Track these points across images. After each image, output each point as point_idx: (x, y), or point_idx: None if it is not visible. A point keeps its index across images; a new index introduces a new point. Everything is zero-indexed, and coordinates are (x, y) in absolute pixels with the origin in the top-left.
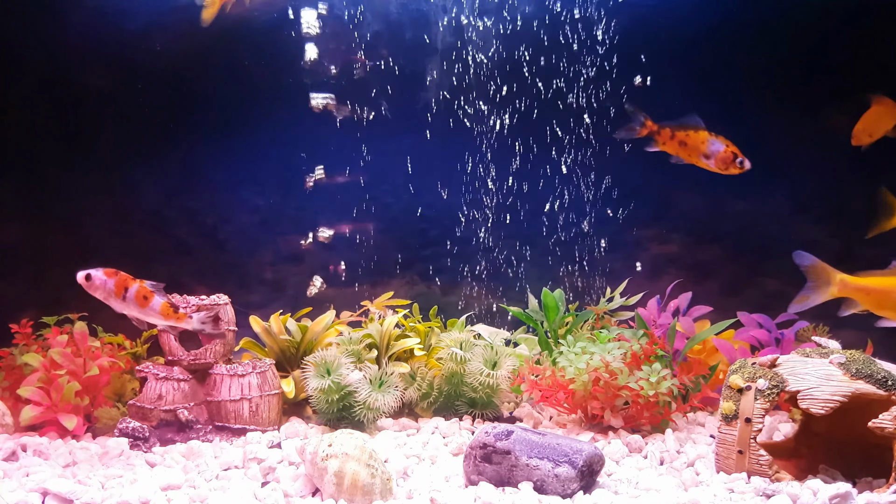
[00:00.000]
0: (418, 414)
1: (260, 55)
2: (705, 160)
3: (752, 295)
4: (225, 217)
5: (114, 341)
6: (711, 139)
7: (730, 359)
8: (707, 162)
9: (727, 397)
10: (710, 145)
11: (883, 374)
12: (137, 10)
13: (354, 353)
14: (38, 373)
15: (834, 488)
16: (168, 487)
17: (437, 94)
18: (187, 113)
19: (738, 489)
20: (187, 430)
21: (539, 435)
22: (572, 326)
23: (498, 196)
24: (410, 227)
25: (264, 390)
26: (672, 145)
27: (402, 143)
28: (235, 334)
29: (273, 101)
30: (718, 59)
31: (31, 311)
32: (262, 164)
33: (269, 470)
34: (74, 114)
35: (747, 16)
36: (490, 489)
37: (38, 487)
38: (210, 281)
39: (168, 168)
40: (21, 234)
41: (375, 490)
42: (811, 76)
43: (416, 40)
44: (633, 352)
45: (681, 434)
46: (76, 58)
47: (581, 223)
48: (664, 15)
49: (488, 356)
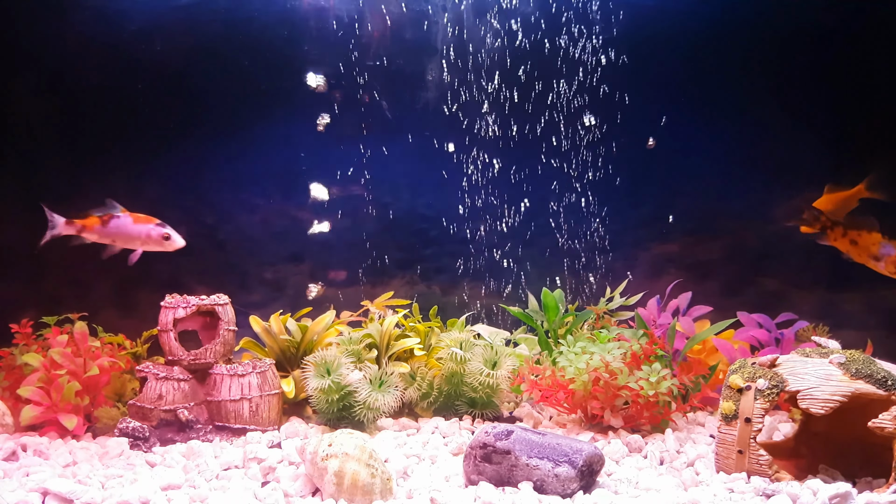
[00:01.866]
0: (418, 414)
1: (260, 55)
2: (874, 261)
3: (752, 295)
4: (225, 217)
5: (114, 341)
6: (884, 242)
7: (730, 359)
8: (877, 263)
9: (727, 397)
10: (881, 248)
11: (883, 374)
12: (137, 10)
13: (354, 353)
14: (39, 373)
15: (834, 488)
16: (168, 487)
17: (437, 94)
18: (187, 113)
19: (738, 489)
20: (187, 430)
21: (539, 435)
22: (572, 326)
23: (498, 196)
24: (410, 227)
25: (264, 390)
26: (843, 243)
27: (403, 143)
28: (235, 334)
29: (273, 100)
30: (718, 58)
31: (31, 311)
32: (263, 164)
33: (269, 470)
34: (74, 114)
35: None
36: (490, 489)
37: (39, 487)
38: (210, 281)
39: (168, 168)
40: (21, 234)
41: (375, 490)
42: (811, 76)
43: (416, 40)
44: (633, 352)
45: (681, 434)
46: (76, 58)
47: (581, 223)
48: (665, 14)
49: (488, 356)
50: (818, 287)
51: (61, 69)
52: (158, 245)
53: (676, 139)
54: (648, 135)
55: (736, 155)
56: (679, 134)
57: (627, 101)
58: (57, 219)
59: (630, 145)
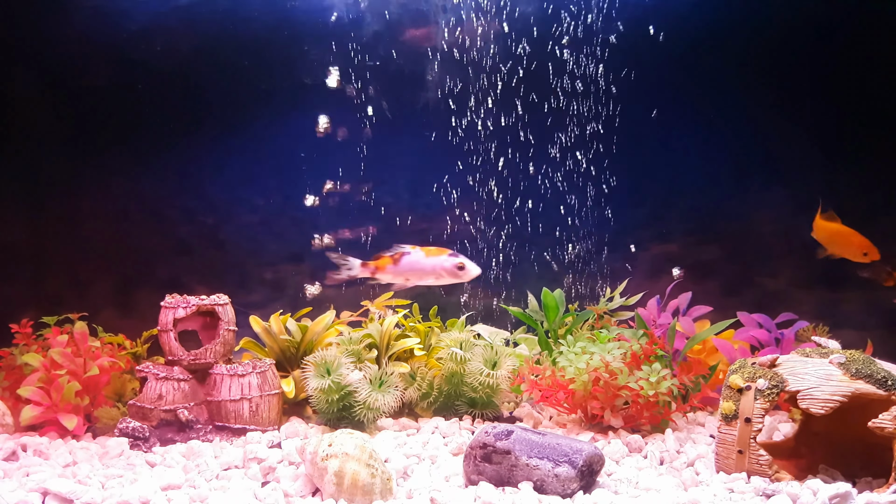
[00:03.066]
0: (418, 414)
1: (260, 55)
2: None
3: (752, 295)
4: (225, 217)
5: (114, 341)
6: None
7: (730, 359)
8: None
9: (727, 397)
10: None
11: (883, 374)
12: (138, 9)
13: (354, 353)
14: (39, 373)
15: (834, 488)
16: (168, 487)
17: (437, 93)
18: (188, 112)
19: (738, 489)
20: (187, 430)
21: (539, 435)
22: (572, 326)
23: (498, 196)
24: (410, 227)
25: (264, 390)
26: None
27: (403, 143)
28: (235, 334)
29: (273, 100)
30: (718, 59)
31: (31, 311)
32: (263, 164)
33: (269, 470)
34: (75, 114)
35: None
36: (490, 489)
37: (39, 487)
38: (210, 281)
39: (168, 168)
40: (21, 234)
41: (375, 490)
42: (811, 75)
43: (417, 40)
44: (633, 352)
45: (681, 434)
46: (76, 58)
47: (581, 223)
48: (664, 15)
49: (488, 356)
50: (818, 287)
51: (62, 69)
52: (453, 276)
53: (677, 139)
54: (648, 134)
55: (736, 155)
56: (679, 133)
57: (628, 102)
58: (352, 261)
59: (630, 145)
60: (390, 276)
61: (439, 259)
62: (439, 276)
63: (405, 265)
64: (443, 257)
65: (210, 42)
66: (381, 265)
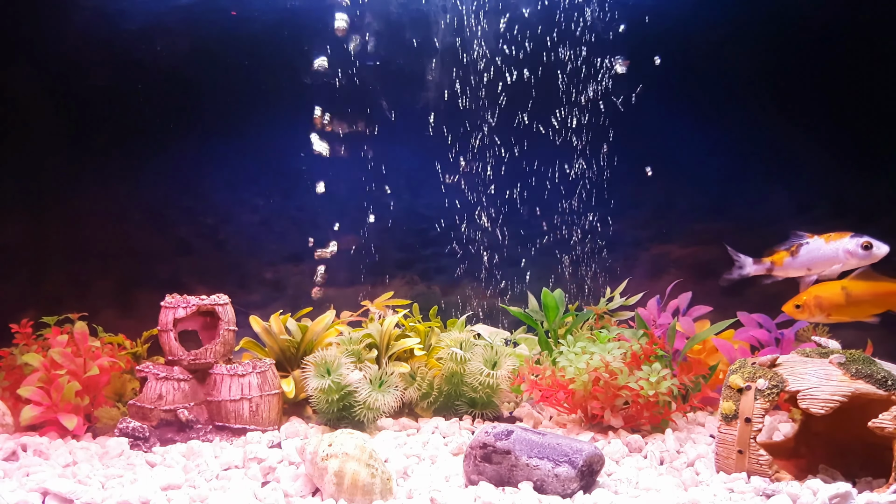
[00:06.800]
0: (418, 414)
1: (260, 55)
2: None
3: (752, 295)
4: (225, 217)
5: (114, 341)
6: None
7: (730, 359)
8: None
9: (727, 397)
10: None
11: (883, 374)
12: (137, 9)
13: (354, 353)
14: (39, 373)
15: (834, 488)
16: (168, 487)
17: (437, 94)
18: (187, 113)
19: (738, 489)
20: (187, 430)
21: (539, 435)
22: (572, 326)
23: (498, 196)
24: (410, 227)
25: (264, 390)
26: None
27: (403, 143)
28: (235, 334)
29: (273, 100)
30: (718, 58)
31: (31, 311)
32: (263, 164)
33: (270, 470)
34: (74, 114)
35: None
36: (490, 489)
37: (39, 487)
38: (210, 281)
39: (168, 168)
40: (21, 234)
41: (375, 490)
42: (812, 75)
43: (417, 39)
44: (633, 352)
45: (681, 434)
46: (76, 58)
47: (581, 223)
48: (663, 15)
49: (488, 356)
50: None
51: (62, 69)
52: (860, 259)
53: (677, 138)
54: (649, 134)
55: (736, 154)
56: (679, 133)
57: (628, 101)
58: (744, 259)
59: (630, 145)
60: (788, 271)
61: (841, 242)
62: (846, 261)
63: (804, 256)
64: (845, 240)
65: (210, 42)
66: (778, 259)
